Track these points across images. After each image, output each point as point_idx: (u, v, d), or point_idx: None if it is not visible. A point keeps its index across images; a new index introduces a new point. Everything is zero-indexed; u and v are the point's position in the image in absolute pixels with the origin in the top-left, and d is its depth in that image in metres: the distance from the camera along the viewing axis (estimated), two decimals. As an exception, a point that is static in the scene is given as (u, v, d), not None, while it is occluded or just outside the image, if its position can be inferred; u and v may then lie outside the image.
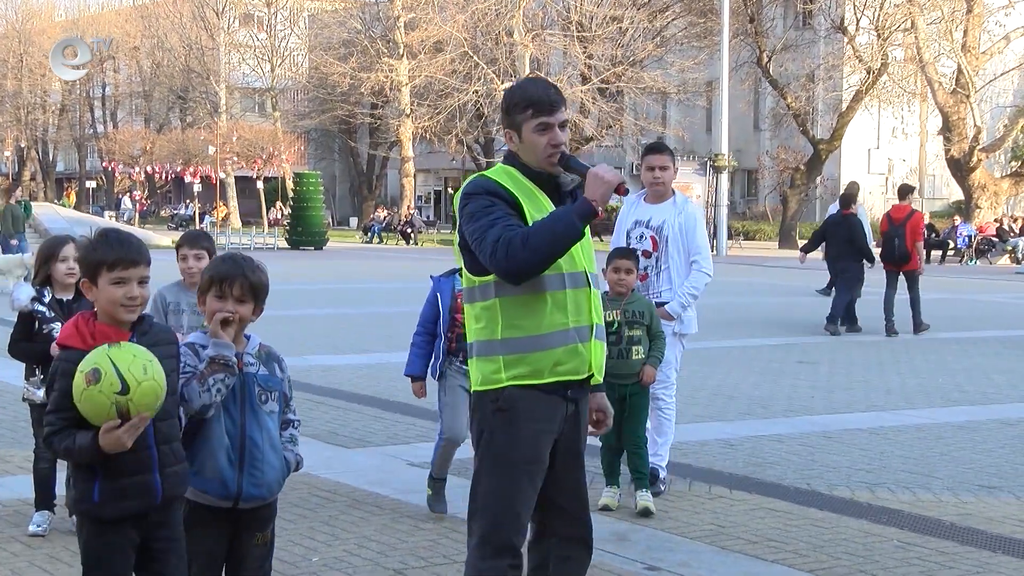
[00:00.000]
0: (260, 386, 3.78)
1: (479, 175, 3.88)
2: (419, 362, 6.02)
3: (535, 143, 3.80)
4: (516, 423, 3.75)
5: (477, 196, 3.77)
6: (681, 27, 46.99)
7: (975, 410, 9.55)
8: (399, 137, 51.92)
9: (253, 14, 63.28)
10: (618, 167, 50.80)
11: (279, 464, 3.84)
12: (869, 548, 5.66)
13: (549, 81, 4.00)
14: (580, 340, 3.79)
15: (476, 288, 3.82)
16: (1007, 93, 50.00)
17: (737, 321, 16.78)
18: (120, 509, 3.47)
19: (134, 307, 3.49)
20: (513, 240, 3.62)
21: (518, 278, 3.69)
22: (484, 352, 3.80)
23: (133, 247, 3.53)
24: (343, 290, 19.66)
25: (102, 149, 68.52)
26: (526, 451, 3.76)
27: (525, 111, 3.80)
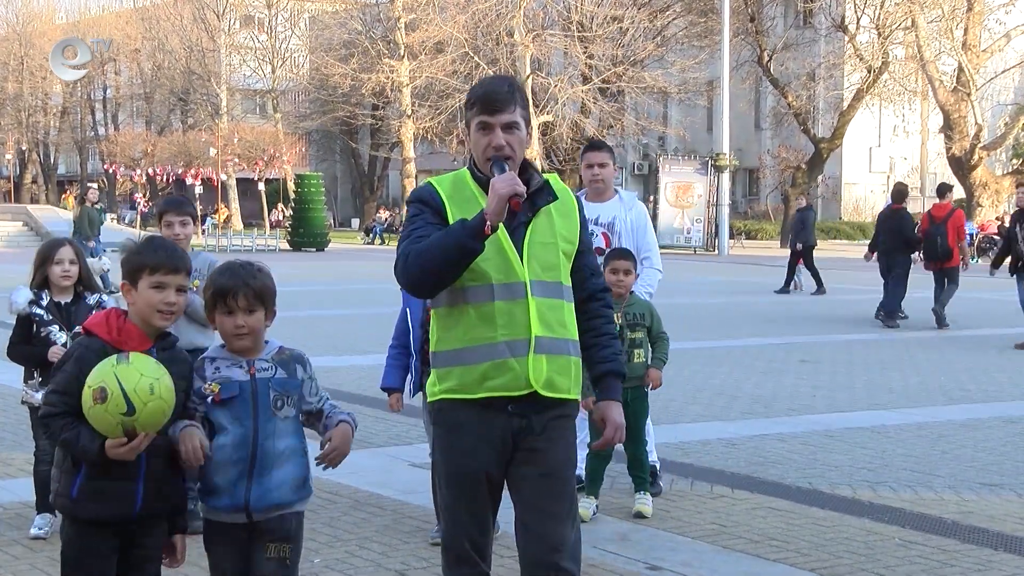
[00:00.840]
0: (276, 391, 3.62)
1: (426, 180, 3.81)
2: (395, 374, 5.70)
3: (475, 143, 3.64)
4: (448, 436, 3.69)
5: (411, 204, 3.71)
6: (682, 27, 47.00)
7: (977, 408, 9.54)
8: (400, 138, 51.93)
9: (254, 16, 63.30)
10: (621, 167, 50.75)
11: (298, 472, 3.64)
12: (871, 547, 5.66)
13: (513, 80, 3.77)
14: (512, 354, 3.56)
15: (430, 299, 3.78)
16: (1008, 91, 49.96)
17: (739, 320, 16.78)
18: (94, 511, 3.45)
19: (170, 313, 3.51)
20: (410, 255, 3.54)
21: (415, 292, 3.68)
22: (431, 364, 3.79)
23: (177, 254, 3.59)
24: (345, 291, 19.67)
25: (103, 152, 68.52)
26: (459, 463, 3.65)
27: (472, 108, 3.66)
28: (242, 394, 3.59)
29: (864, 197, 53.99)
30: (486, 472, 3.63)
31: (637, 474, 6.20)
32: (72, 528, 3.50)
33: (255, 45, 61.56)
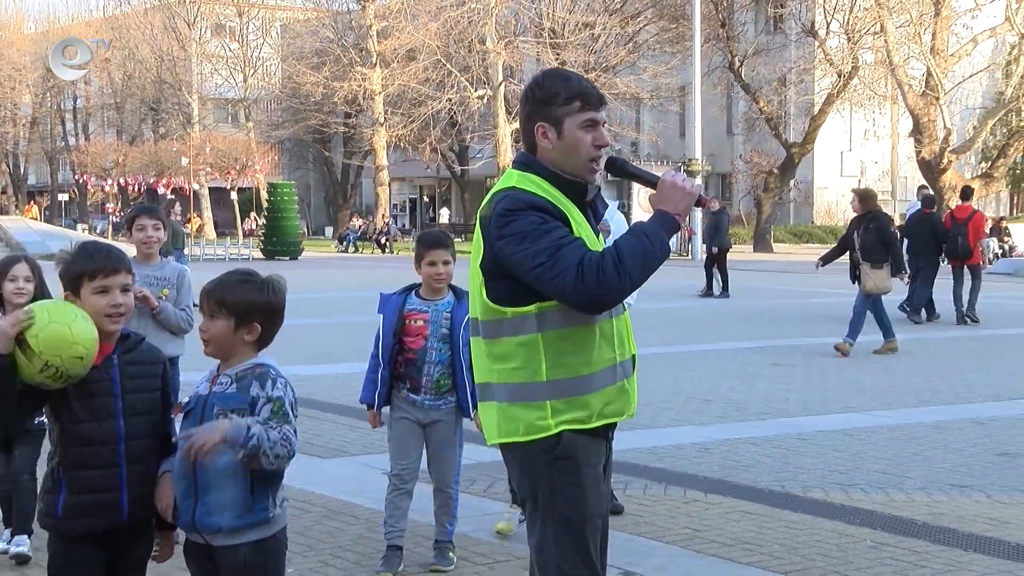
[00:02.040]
0: (219, 407, 3.45)
1: (511, 188, 3.28)
2: (372, 388, 5.38)
3: (579, 141, 3.30)
4: (579, 472, 3.29)
5: (522, 212, 3.19)
6: (653, 33, 47.18)
7: (947, 410, 9.62)
8: (373, 146, 51.90)
9: (225, 24, 63.11)
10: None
11: (240, 495, 3.41)
12: (843, 549, 5.69)
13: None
14: (625, 376, 3.39)
15: (506, 321, 3.27)
16: (976, 95, 50.37)
17: (713, 324, 16.85)
18: (82, 526, 3.43)
19: (118, 316, 3.45)
20: (604, 263, 3.12)
21: (603, 307, 3.21)
22: (523, 397, 3.27)
23: (113, 255, 3.50)
24: (318, 299, 19.62)
25: (74, 162, 68.17)
26: (594, 502, 3.33)
27: (570, 103, 3.30)
28: (195, 408, 3.52)
29: (836, 201, 54.27)
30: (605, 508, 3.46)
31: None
32: (59, 544, 3.48)
33: (226, 54, 61.39)
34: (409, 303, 5.31)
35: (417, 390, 5.28)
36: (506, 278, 3.26)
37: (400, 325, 5.26)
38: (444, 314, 5.27)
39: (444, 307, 5.28)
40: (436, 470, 5.45)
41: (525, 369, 3.27)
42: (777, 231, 47.26)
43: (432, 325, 5.26)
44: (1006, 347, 14.06)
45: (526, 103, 3.40)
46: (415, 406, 5.33)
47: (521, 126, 3.48)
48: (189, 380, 10.68)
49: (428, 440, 5.40)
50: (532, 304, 3.25)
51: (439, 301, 5.31)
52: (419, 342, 5.26)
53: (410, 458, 5.38)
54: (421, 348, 5.26)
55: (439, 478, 5.44)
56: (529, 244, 3.17)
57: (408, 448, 5.37)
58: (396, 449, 5.39)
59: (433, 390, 5.30)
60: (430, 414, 5.32)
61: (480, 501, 6.55)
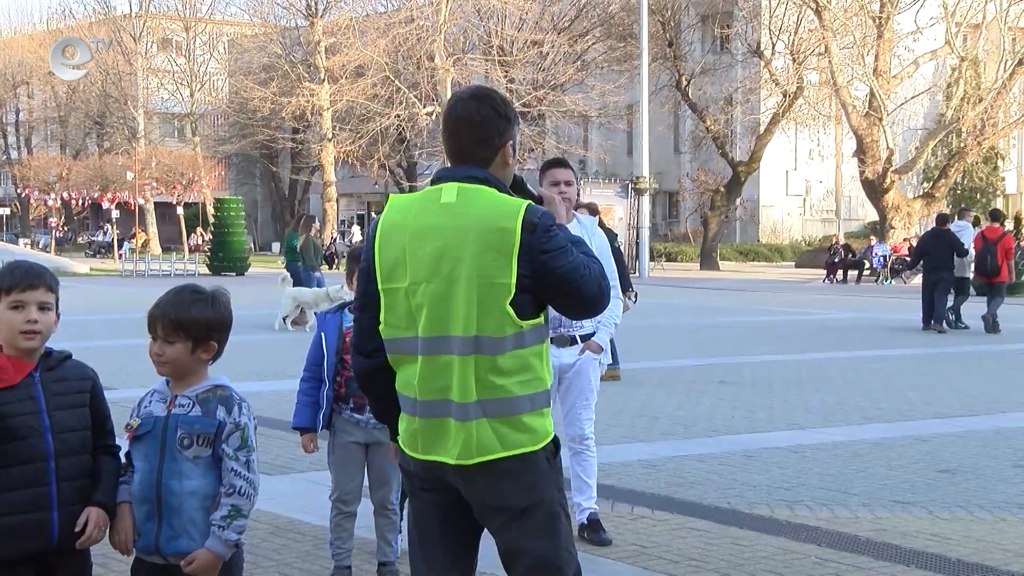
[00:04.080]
0: (183, 429, 3.44)
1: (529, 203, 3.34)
2: (307, 412, 5.24)
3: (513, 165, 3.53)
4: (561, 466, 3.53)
5: (556, 227, 3.34)
6: (601, 51, 47.50)
7: (890, 427, 9.73)
8: (321, 162, 51.72)
9: (171, 39, 62.70)
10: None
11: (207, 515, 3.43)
12: (788, 565, 5.74)
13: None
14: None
15: (526, 333, 3.30)
16: (918, 116, 51.18)
17: (659, 342, 16.94)
18: (10, 549, 3.32)
19: (33, 333, 3.35)
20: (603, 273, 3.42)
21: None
22: (541, 405, 3.36)
23: (33, 271, 3.41)
24: (264, 315, 19.49)
25: (16, 175, 67.28)
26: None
27: (519, 125, 3.57)
28: (154, 430, 3.48)
29: (781, 219, 54.86)
30: None
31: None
32: None
33: (173, 68, 60.97)
34: (347, 320, 5.18)
35: (361, 409, 5.17)
36: (526, 292, 3.28)
37: (341, 343, 5.17)
38: None
39: None
40: (380, 491, 5.35)
41: (539, 379, 3.35)
42: (723, 249, 47.66)
43: None
44: (947, 365, 14.27)
45: (495, 119, 3.40)
46: (359, 427, 5.24)
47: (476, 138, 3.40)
48: (124, 397, 10.51)
49: (371, 461, 5.32)
50: (540, 316, 3.35)
51: None
52: None
53: (355, 481, 5.33)
54: None
55: (383, 498, 5.35)
56: (572, 256, 3.31)
57: (353, 471, 5.31)
58: (340, 473, 5.31)
59: None
60: (373, 435, 5.20)
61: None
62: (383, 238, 3.40)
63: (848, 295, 29.86)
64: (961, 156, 42.17)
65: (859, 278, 36.65)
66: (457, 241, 3.28)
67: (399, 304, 3.35)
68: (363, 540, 5.72)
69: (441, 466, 3.36)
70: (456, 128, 3.40)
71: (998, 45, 41.19)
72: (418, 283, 3.31)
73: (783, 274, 41.36)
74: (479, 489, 3.36)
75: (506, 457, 3.32)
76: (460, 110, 3.40)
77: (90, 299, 26.75)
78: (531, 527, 3.38)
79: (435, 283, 3.30)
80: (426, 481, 3.43)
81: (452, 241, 3.29)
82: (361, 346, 3.48)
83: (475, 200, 3.31)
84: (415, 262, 3.32)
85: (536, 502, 3.37)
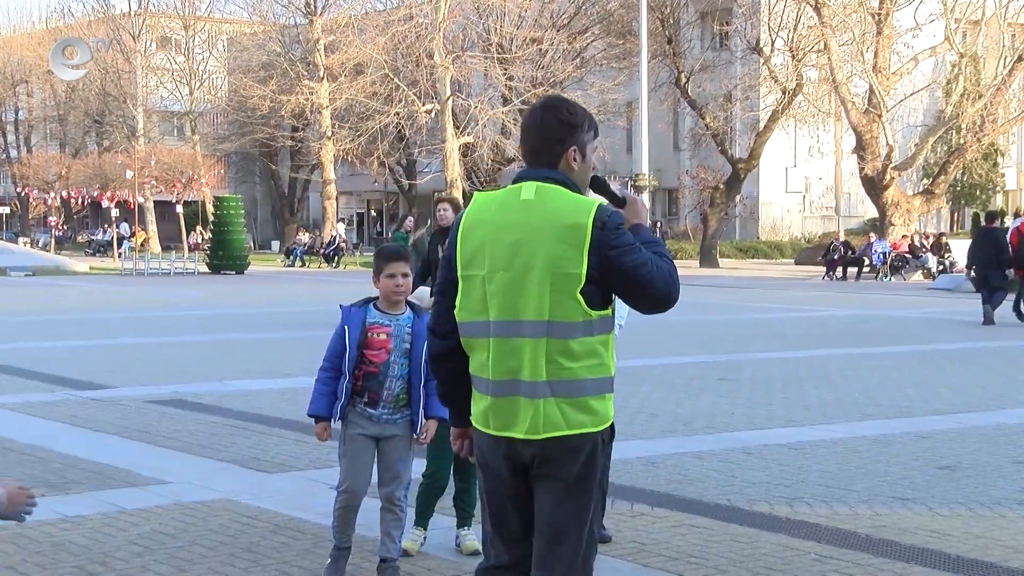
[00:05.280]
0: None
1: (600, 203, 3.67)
2: (324, 401, 5.32)
3: (591, 166, 3.79)
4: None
5: (623, 227, 3.64)
6: (600, 49, 47.46)
7: (890, 424, 9.73)
8: (320, 160, 51.72)
9: (171, 37, 62.68)
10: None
11: None
12: (787, 562, 5.75)
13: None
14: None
15: (595, 322, 3.60)
16: (917, 112, 51.17)
17: (659, 339, 16.94)
18: None
19: None
20: (672, 268, 3.65)
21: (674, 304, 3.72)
22: (603, 390, 3.65)
23: None
24: (264, 314, 19.50)
25: (15, 174, 67.27)
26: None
27: (590, 131, 3.76)
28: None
29: (780, 216, 54.85)
30: None
31: (463, 507, 5.87)
32: None
33: (172, 66, 60.93)
34: (371, 316, 5.28)
35: (376, 404, 5.27)
36: (594, 284, 3.57)
37: (363, 338, 5.25)
38: (406, 329, 5.28)
39: (406, 322, 5.30)
40: (389, 484, 5.37)
41: (604, 365, 3.64)
42: (723, 246, 47.65)
43: (395, 339, 5.26)
44: (946, 362, 14.28)
45: (557, 125, 3.70)
46: (371, 420, 5.30)
47: (541, 144, 3.72)
48: (122, 395, 10.54)
49: (381, 454, 5.36)
50: (608, 308, 3.64)
51: (400, 315, 5.31)
52: (382, 356, 5.25)
53: (364, 474, 5.35)
54: (384, 362, 5.25)
55: (391, 493, 5.37)
56: (638, 254, 3.59)
57: (364, 464, 5.34)
58: (351, 465, 5.34)
59: (392, 404, 5.29)
60: (386, 428, 5.30)
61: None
62: (465, 231, 3.71)
63: (848, 292, 29.87)
64: (961, 152, 42.16)
65: (859, 275, 36.65)
66: (534, 235, 3.59)
67: (475, 290, 3.66)
68: (362, 538, 5.73)
69: (511, 442, 3.64)
70: (525, 134, 3.78)
71: (998, 41, 41.17)
72: (495, 271, 3.62)
73: (783, 271, 41.37)
74: (539, 462, 3.64)
75: (570, 435, 3.60)
76: (528, 118, 3.78)
77: (89, 298, 26.75)
78: (572, 501, 3.66)
79: (511, 272, 3.60)
80: (498, 458, 3.68)
81: (529, 235, 3.60)
82: (438, 328, 3.78)
83: (552, 198, 3.62)
84: (494, 252, 3.63)
85: (585, 479, 3.65)
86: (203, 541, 6.06)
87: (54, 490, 7.17)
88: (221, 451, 8.44)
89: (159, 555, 5.80)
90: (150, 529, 6.27)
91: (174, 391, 11.01)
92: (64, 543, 6.00)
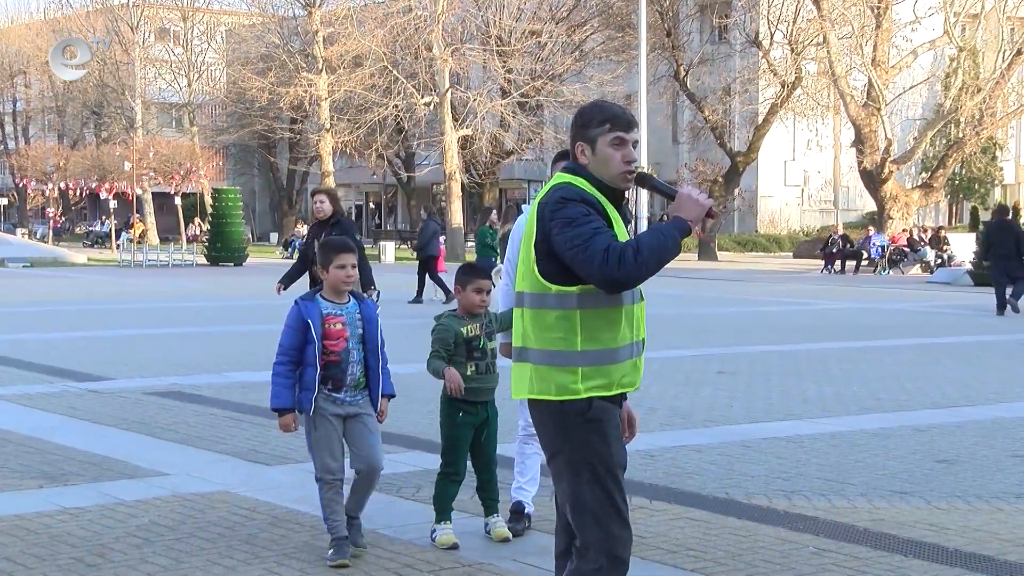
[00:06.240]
0: None
1: (566, 181, 3.91)
2: (288, 393, 5.55)
3: (609, 156, 3.93)
4: (607, 431, 3.92)
5: (574, 202, 3.82)
6: (599, 41, 47.42)
7: (888, 417, 9.74)
8: (319, 152, 51.63)
9: (169, 28, 62.58)
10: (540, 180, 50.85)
11: None
12: (786, 555, 5.75)
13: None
14: (636, 355, 4.00)
15: (551, 295, 3.85)
16: (916, 106, 51.16)
17: (657, 332, 16.92)
18: None
19: None
20: (625, 251, 3.71)
21: (621, 288, 3.80)
22: (558, 362, 3.86)
23: None
24: (262, 306, 19.50)
25: (13, 165, 67.19)
26: (620, 458, 3.97)
27: (602, 125, 3.95)
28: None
29: (779, 210, 54.86)
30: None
31: (489, 496, 5.96)
32: None
33: (170, 58, 60.85)
34: (324, 308, 5.57)
35: (339, 389, 5.56)
36: (554, 258, 3.82)
37: (322, 330, 5.52)
38: (356, 316, 5.61)
39: (353, 309, 5.63)
40: (367, 455, 5.62)
41: (564, 339, 3.85)
42: (721, 240, 47.65)
43: (350, 327, 5.57)
44: (944, 356, 14.29)
45: (571, 128, 4.08)
46: (336, 403, 5.58)
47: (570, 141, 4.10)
48: (120, 387, 10.55)
49: (351, 432, 5.62)
50: (576, 286, 3.83)
51: (347, 304, 5.63)
52: (341, 344, 5.55)
53: (340, 453, 5.60)
54: (344, 349, 5.55)
55: (372, 460, 5.62)
56: (574, 228, 3.77)
57: (337, 444, 5.59)
58: (326, 448, 5.57)
59: (354, 387, 5.59)
60: (350, 408, 5.59)
61: (426, 508, 6.54)
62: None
63: (846, 286, 29.88)
64: (959, 146, 42.15)
65: (857, 268, 36.65)
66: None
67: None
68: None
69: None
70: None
71: (997, 35, 41.16)
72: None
73: (781, 264, 41.37)
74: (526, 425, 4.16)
75: (536, 400, 3.94)
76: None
77: (87, 289, 26.74)
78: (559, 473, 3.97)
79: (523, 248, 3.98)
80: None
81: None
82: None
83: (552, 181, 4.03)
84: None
85: (563, 452, 3.92)
86: (201, 533, 6.06)
87: (52, 482, 7.17)
88: (219, 443, 8.44)
89: (157, 547, 5.80)
90: (148, 521, 6.27)
91: (172, 383, 11.01)
92: (62, 534, 6.00)
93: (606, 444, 3.90)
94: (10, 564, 5.52)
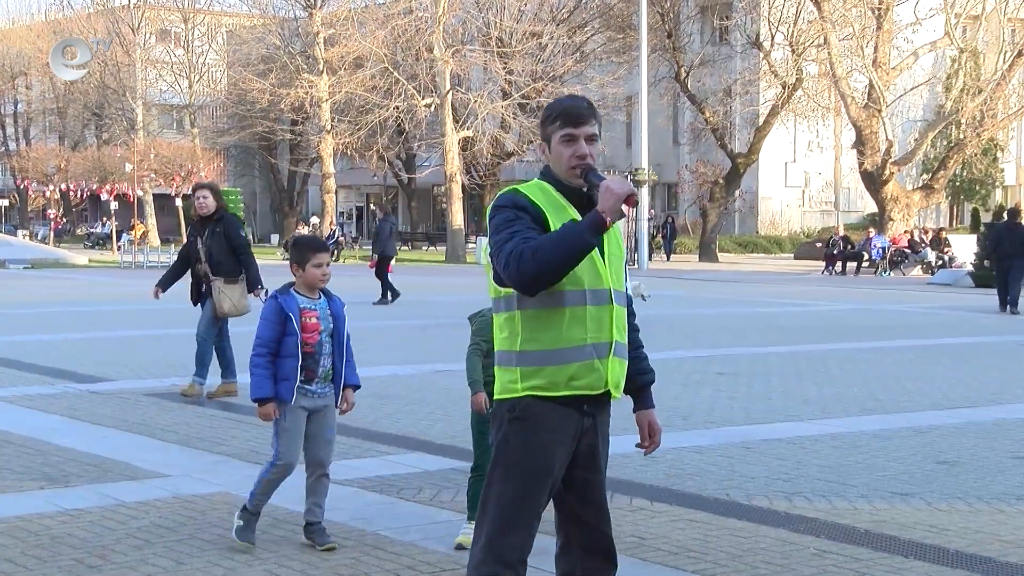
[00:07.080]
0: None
1: (511, 189, 3.91)
2: (268, 383, 5.72)
3: (560, 154, 3.85)
4: (530, 431, 3.83)
5: (504, 209, 3.81)
6: (600, 43, 47.42)
7: (889, 418, 9.73)
8: (320, 153, 51.65)
9: (170, 30, 62.61)
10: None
11: None
12: (787, 556, 5.75)
13: (589, 100, 4.01)
14: (597, 356, 3.85)
15: (502, 299, 3.87)
16: (917, 108, 51.15)
17: (657, 333, 16.93)
18: None
19: None
20: (524, 252, 3.66)
21: (528, 289, 3.72)
22: (503, 362, 3.89)
23: None
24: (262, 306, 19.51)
25: (14, 167, 67.23)
26: (537, 459, 3.83)
27: (555, 122, 3.86)
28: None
29: (780, 211, 54.86)
30: (555, 469, 3.89)
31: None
32: None
33: (171, 59, 60.87)
34: (301, 302, 5.80)
35: (311, 381, 5.77)
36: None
37: (300, 322, 5.75)
38: (328, 311, 5.84)
39: (325, 305, 5.86)
40: (321, 452, 5.85)
41: (508, 339, 3.87)
42: (722, 241, 47.65)
43: (323, 321, 5.80)
44: (945, 356, 14.28)
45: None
46: (306, 395, 5.77)
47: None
48: (120, 388, 10.52)
49: (313, 425, 5.80)
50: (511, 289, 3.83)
51: (319, 300, 5.86)
52: (315, 337, 5.77)
53: (301, 446, 5.82)
54: (318, 342, 5.78)
55: (323, 460, 5.86)
56: (495, 235, 3.78)
57: (300, 437, 5.79)
58: (292, 438, 5.77)
59: (323, 379, 5.81)
60: (318, 401, 5.80)
61: (427, 510, 6.55)
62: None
63: (847, 287, 29.87)
64: (960, 148, 42.14)
65: (858, 270, 36.65)
66: None
67: None
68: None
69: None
70: None
71: (997, 36, 41.15)
72: None
73: (782, 266, 41.36)
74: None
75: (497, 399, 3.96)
76: None
77: (88, 291, 26.74)
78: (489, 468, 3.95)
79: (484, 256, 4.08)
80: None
81: None
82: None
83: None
84: None
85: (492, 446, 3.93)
86: (202, 534, 6.06)
87: (53, 483, 7.17)
88: (220, 444, 8.44)
89: (158, 548, 5.80)
90: (149, 522, 6.27)
91: (173, 384, 11.02)
92: (63, 536, 5.99)
93: (526, 445, 3.82)
94: (11, 566, 5.51)
